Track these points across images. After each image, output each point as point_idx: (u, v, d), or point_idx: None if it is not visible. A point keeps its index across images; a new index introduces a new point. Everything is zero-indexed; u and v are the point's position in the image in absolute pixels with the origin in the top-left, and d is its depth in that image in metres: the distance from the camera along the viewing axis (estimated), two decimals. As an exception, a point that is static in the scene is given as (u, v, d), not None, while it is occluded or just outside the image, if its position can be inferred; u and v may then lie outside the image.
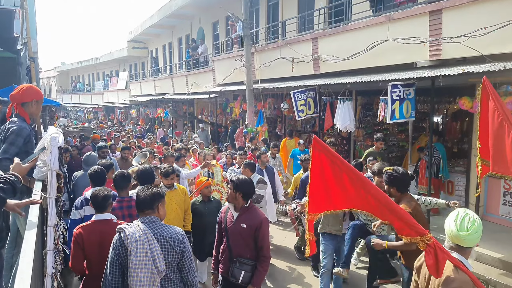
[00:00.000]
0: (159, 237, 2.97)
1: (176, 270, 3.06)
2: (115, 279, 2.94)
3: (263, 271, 3.85)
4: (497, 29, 6.20)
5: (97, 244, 3.45)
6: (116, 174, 4.48)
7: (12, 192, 2.65)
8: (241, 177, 4.00)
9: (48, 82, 50.83)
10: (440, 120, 9.91)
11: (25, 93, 3.79)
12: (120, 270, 2.93)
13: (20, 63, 9.54)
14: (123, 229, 2.96)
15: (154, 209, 3.07)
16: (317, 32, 10.95)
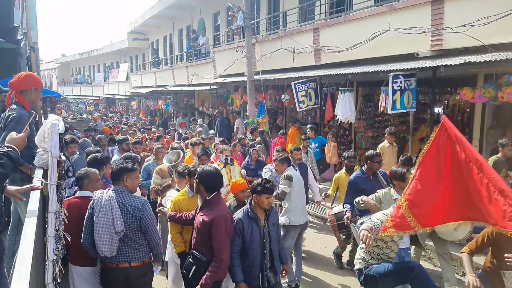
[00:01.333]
0: (121, 204, 3.65)
1: (139, 233, 3.72)
2: (88, 235, 3.66)
3: (212, 274, 3.61)
4: (499, 19, 6.17)
5: (76, 217, 3.81)
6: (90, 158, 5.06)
7: (11, 165, 2.55)
8: (206, 168, 3.90)
9: (49, 74, 50.68)
10: (441, 111, 9.89)
11: (23, 81, 3.78)
12: (91, 227, 3.62)
13: (20, 54, 9.49)
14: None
15: (120, 180, 3.74)
16: (318, 22, 10.90)
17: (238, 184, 4.89)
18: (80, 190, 4.14)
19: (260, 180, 4.09)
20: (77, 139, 7.34)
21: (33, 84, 3.81)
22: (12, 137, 2.76)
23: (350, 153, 6.53)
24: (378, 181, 5.42)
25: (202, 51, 19.00)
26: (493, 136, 8.03)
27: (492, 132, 8.02)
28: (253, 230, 3.93)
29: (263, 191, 3.97)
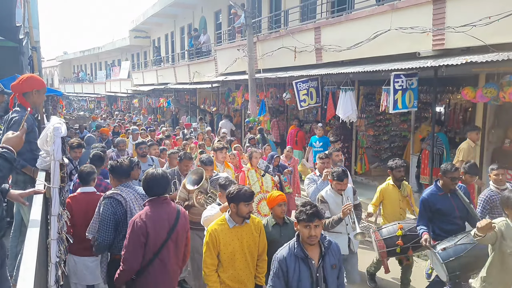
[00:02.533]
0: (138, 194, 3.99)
1: None
2: (110, 233, 3.77)
3: (119, 273, 3.38)
4: (501, 19, 6.15)
5: (83, 211, 4.15)
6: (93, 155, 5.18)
7: (7, 166, 2.49)
8: (150, 171, 3.61)
9: (51, 72, 50.78)
10: (442, 110, 9.89)
11: (25, 83, 3.79)
12: (114, 225, 3.78)
13: (22, 53, 9.51)
14: (118, 193, 3.86)
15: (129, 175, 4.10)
16: (319, 21, 10.88)
17: (274, 198, 4.16)
18: (85, 186, 4.39)
19: (305, 204, 3.13)
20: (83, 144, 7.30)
21: (34, 86, 3.82)
22: (8, 137, 2.69)
23: (398, 161, 5.50)
24: (458, 199, 4.57)
25: (204, 49, 18.99)
26: (495, 136, 8.02)
27: (493, 132, 8.01)
28: (300, 273, 3.02)
29: (309, 219, 3.00)
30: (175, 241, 3.51)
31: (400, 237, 4.98)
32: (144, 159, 6.87)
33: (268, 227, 4.13)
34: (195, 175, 4.67)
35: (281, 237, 4.02)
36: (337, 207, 4.69)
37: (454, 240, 4.18)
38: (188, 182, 4.70)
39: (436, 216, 4.58)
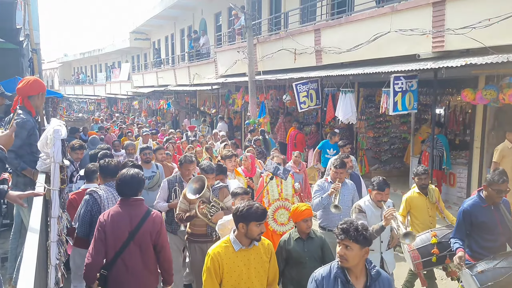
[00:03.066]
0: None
1: None
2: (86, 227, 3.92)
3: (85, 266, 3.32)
4: (501, 21, 6.15)
5: None
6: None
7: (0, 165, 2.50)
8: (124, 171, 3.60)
9: (51, 74, 50.80)
10: (442, 112, 9.90)
11: (32, 86, 3.81)
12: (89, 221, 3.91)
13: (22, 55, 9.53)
14: (97, 191, 4.04)
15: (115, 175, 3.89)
16: (319, 23, 10.90)
17: (300, 212, 3.85)
18: (89, 183, 4.62)
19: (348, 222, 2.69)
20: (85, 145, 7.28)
21: (40, 89, 3.88)
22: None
23: (421, 168, 5.13)
24: (501, 213, 4.11)
25: (203, 51, 19.02)
26: (495, 137, 8.03)
27: (493, 133, 8.01)
28: None
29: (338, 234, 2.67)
30: (139, 244, 3.41)
31: (435, 245, 4.55)
32: (147, 165, 6.40)
33: (290, 241, 3.83)
34: (196, 184, 4.34)
35: (305, 252, 3.78)
36: (376, 221, 4.14)
37: (492, 262, 3.78)
38: (189, 191, 4.34)
39: (476, 231, 4.09)
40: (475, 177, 8.12)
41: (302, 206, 3.96)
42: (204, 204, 4.33)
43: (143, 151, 6.56)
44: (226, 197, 4.64)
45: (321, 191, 5.17)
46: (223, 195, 4.68)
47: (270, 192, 5.75)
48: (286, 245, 3.90)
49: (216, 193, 4.64)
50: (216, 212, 4.30)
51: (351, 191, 5.27)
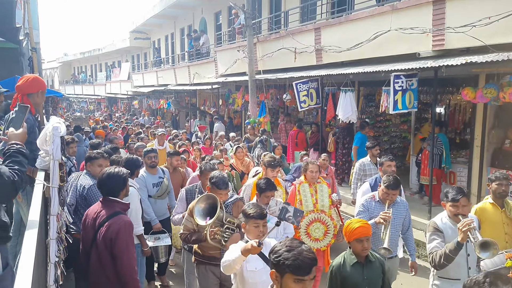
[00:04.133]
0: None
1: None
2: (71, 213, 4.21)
3: None
4: (501, 19, 6.15)
5: None
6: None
7: (26, 162, 2.53)
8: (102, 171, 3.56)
9: (51, 73, 50.83)
10: (442, 110, 9.89)
11: (31, 84, 3.80)
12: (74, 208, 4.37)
13: (22, 54, 9.52)
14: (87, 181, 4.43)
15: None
16: (319, 22, 10.89)
17: (352, 230, 3.22)
18: None
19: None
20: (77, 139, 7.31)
21: (40, 87, 3.85)
22: (14, 133, 2.67)
23: (500, 174, 4.27)
24: None
25: (203, 51, 19.02)
26: (495, 136, 8.02)
27: (494, 132, 8.01)
28: None
29: None
30: (97, 248, 3.30)
31: (510, 269, 3.71)
32: (153, 171, 5.72)
33: (346, 265, 3.24)
34: (205, 203, 3.59)
35: (364, 280, 3.20)
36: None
37: None
38: (198, 213, 3.57)
39: None
40: (475, 176, 8.12)
41: (355, 222, 3.28)
42: (217, 227, 3.61)
43: (148, 154, 5.75)
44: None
45: (365, 213, 4.24)
46: (238, 209, 3.93)
47: (304, 203, 5.05)
48: (340, 271, 3.26)
49: (230, 209, 3.96)
50: (231, 236, 3.61)
51: (403, 212, 4.37)
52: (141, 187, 5.32)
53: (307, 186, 5.13)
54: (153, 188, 5.61)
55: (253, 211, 3.19)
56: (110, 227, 3.24)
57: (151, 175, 5.67)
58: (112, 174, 3.47)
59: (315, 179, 5.15)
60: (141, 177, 5.51)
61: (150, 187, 5.58)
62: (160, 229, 5.44)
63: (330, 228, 5.06)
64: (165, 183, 5.71)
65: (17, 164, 2.45)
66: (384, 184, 4.18)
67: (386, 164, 5.20)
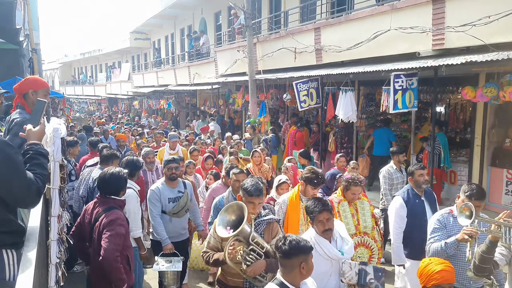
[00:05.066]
0: None
1: None
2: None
3: None
4: (501, 18, 6.15)
5: None
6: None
7: (46, 163, 2.47)
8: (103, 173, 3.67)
9: (51, 74, 50.86)
10: (443, 110, 9.89)
11: (22, 84, 3.73)
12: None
13: (22, 55, 9.53)
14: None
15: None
16: (319, 22, 10.89)
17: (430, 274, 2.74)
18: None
19: None
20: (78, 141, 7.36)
21: (30, 86, 3.72)
22: (32, 131, 2.54)
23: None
24: None
25: (203, 51, 19.03)
26: (495, 135, 8.02)
27: (494, 131, 8.01)
28: None
29: None
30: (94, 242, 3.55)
31: None
32: (173, 184, 4.96)
33: None
34: (231, 213, 3.06)
35: None
36: None
37: None
38: (220, 223, 3.05)
39: None
40: (476, 175, 8.12)
41: (436, 264, 2.74)
42: (240, 244, 2.98)
43: (169, 165, 4.91)
44: (275, 237, 3.14)
45: (442, 230, 3.57)
46: (272, 232, 3.28)
47: (345, 226, 4.08)
48: None
49: (261, 229, 3.25)
50: (255, 262, 2.96)
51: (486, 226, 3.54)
52: (153, 202, 4.79)
53: (347, 205, 4.36)
54: (168, 204, 4.87)
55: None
56: (104, 219, 3.42)
57: (169, 188, 4.93)
58: (114, 174, 3.59)
59: (355, 199, 4.39)
60: (155, 189, 4.85)
61: (165, 201, 4.85)
62: (171, 251, 4.71)
63: (374, 252, 4.26)
64: (184, 199, 4.96)
65: (38, 167, 2.36)
66: (466, 193, 3.48)
67: (418, 173, 4.53)
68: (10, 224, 2.36)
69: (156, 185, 4.93)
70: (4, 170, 2.16)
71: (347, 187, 4.35)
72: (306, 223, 4.07)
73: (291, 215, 4.25)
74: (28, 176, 2.24)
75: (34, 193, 2.27)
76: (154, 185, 4.98)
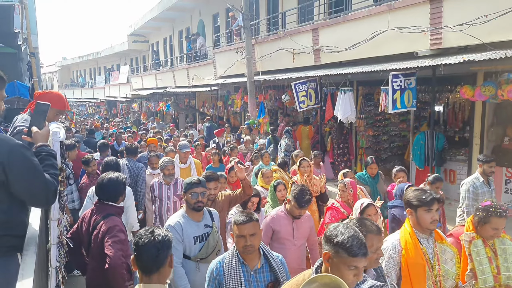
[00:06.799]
0: None
1: None
2: None
3: None
4: (498, 17, 6.16)
5: None
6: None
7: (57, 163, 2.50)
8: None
9: (50, 77, 50.88)
10: (441, 109, 9.90)
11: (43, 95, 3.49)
12: None
13: (21, 59, 9.54)
14: None
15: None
16: (317, 22, 10.91)
17: None
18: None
19: None
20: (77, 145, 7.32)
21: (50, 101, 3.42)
22: (39, 133, 2.55)
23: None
24: None
25: (200, 53, 19.04)
26: (494, 134, 8.03)
27: (492, 130, 8.02)
28: None
29: None
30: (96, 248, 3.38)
31: None
32: (197, 215, 3.59)
33: None
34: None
35: None
36: None
37: None
38: None
39: None
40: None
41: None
42: None
43: (193, 189, 3.53)
44: None
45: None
46: None
47: (479, 275, 3.12)
48: None
49: None
50: None
51: None
52: (175, 243, 3.20)
53: (481, 244, 3.20)
54: (194, 245, 3.50)
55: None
56: (103, 226, 3.32)
57: (193, 222, 3.56)
58: (112, 179, 3.51)
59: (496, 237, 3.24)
60: (176, 226, 3.47)
61: (189, 242, 3.49)
62: None
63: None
64: (213, 237, 3.61)
65: (51, 168, 2.41)
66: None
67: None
68: (24, 227, 2.40)
69: (176, 219, 3.54)
70: (24, 172, 2.21)
71: (485, 219, 3.16)
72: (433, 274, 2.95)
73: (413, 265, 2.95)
74: (46, 177, 2.31)
75: (52, 193, 2.34)
76: (173, 219, 3.58)
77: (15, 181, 2.19)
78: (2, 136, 2.24)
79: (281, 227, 3.87)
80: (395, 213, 4.66)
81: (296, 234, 3.90)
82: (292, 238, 3.88)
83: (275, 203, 4.84)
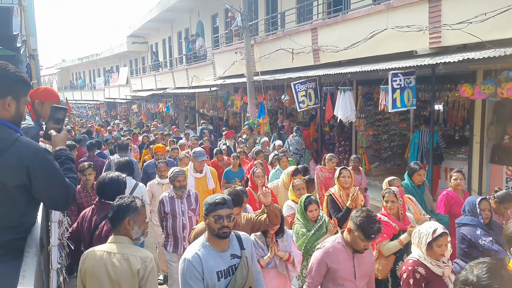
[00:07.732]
0: None
1: None
2: None
3: None
4: (497, 15, 6.15)
5: None
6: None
7: (75, 168, 2.50)
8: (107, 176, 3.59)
9: (49, 79, 50.87)
10: (441, 107, 9.91)
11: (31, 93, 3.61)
12: None
13: (20, 61, 9.52)
14: None
15: None
16: (316, 22, 10.90)
17: None
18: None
19: None
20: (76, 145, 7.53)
21: (39, 97, 3.51)
22: (59, 137, 2.55)
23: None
24: None
25: (200, 54, 19.04)
26: (494, 132, 8.03)
27: (492, 128, 8.01)
28: None
29: None
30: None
31: None
32: (222, 244, 2.83)
33: None
34: None
35: None
36: None
37: None
38: None
39: None
40: (475, 172, 8.12)
41: None
42: None
43: (218, 211, 2.74)
44: None
45: None
46: None
47: None
48: None
49: None
50: None
51: None
52: (191, 282, 2.69)
53: None
54: (218, 282, 2.76)
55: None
56: (105, 226, 3.32)
57: (216, 252, 2.81)
58: (113, 178, 3.54)
59: None
60: (194, 259, 2.73)
61: (212, 279, 2.75)
62: None
63: None
64: (242, 270, 2.83)
65: (70, 171, 2.42)
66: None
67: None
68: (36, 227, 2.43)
69: (194, 250, 2.79)
70: (47, 176, 2.23)
71: None
72: None
73: None
74: (67, 181, 2.33)
75: (71, 197, 2.36)
76: (191, 250, 2.82)
77: (38, 185, 2.21)
78: (25, 140, 2.22)
79: (340, 264, 3.15)
80: (465, 232, 4.05)
81: (358, 272, 3.19)
82: (353, 279, 3.18)
83: (307, 223, 4.19)
